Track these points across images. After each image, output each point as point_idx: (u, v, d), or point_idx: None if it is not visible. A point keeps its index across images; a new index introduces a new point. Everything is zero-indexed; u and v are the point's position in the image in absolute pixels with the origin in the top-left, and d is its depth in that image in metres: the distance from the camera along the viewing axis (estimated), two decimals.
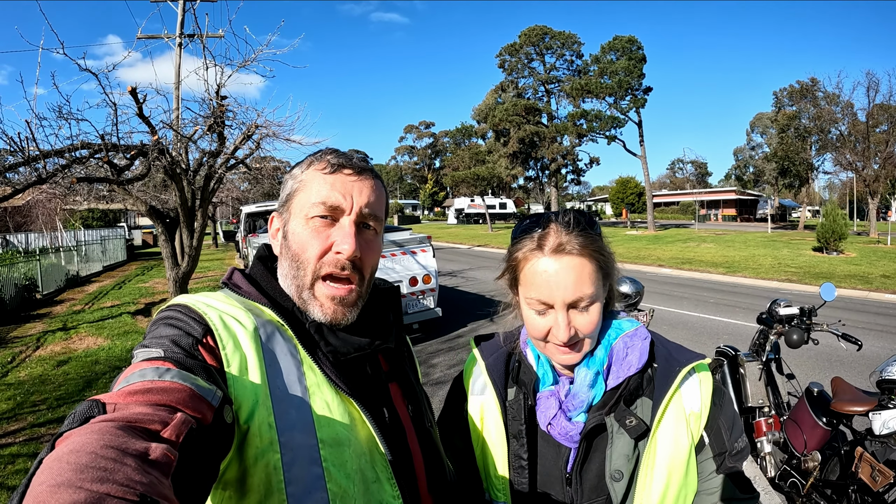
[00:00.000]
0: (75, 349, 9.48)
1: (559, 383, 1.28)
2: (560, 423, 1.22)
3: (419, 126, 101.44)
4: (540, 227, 1.20)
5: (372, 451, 1.04)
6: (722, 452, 1.20)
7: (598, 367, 1.22)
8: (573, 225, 1.18)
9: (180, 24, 14.38)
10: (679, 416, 1.18)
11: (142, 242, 42.62)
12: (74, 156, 7.40)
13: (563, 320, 1.15)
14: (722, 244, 29.19)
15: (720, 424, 1.21)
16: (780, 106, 43.57)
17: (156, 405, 0.74)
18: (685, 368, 1.19)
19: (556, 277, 1.14)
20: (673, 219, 67.34)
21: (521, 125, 48.00)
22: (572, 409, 1.22)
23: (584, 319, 1.16)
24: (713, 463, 1.20)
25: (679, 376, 1.18)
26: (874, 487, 3.07)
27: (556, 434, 1.23)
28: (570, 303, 1.15)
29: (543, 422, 1.25)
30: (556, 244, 1.16)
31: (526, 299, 1.21)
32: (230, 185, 24.10)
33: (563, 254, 1.15)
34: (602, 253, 1.19)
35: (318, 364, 1.03)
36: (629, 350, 1.23)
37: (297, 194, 1.12)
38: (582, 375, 1.22)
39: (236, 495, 0.93)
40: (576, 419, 1.22)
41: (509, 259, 1.27)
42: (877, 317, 11.80)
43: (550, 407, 1.24)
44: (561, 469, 1.25)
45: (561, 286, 1.14)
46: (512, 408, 1.31)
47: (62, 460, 0.56)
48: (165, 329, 0.94)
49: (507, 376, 1.36)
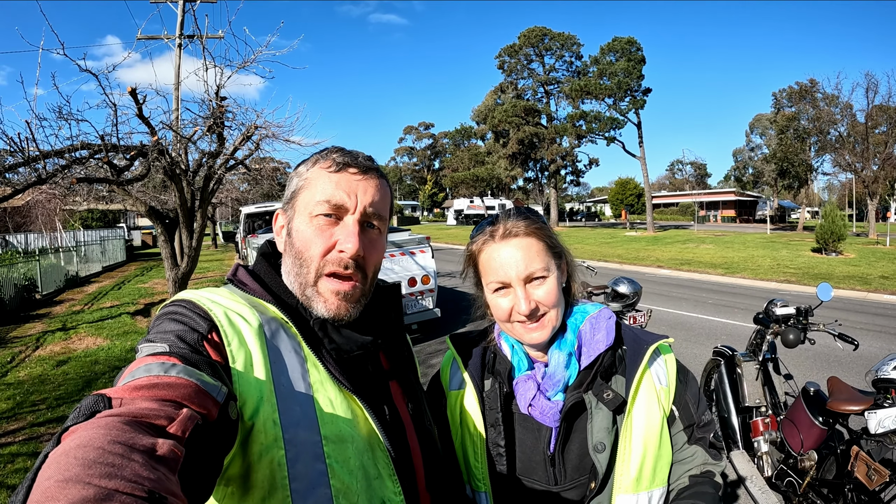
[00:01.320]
0: (75, 349, 9.48)
1: (535, 368, 1.36)
2: (540, 403, 1.29)
3: (418, 127, 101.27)
4: (490, 224, 1.35)
5: (374, 448, 1.04)
6: (691, 424, 1.35)
7: (570, 349, 1.33)
8: (517, 215, 1.33)
9: (180, 24, 14.38)
10: (650, 391, 1.30)
11: (141, 243, 42.60)
12: (74, 156, 7.40)
13: (521, 293, 1.26)
14: (721, 245, 29.19)
15: (687, 399, 1.36)
16: (780, 107, 43.57)
17: (162, 400, 0.74)
18: (652, 346, 1.32)
19: (507, 257, 1.28)
20: (672, 220, 67.31)
21: (520, 126, 48.07)
22: (550, 388, 1.30)
23: (542, 291, 1.27)
24: (684, 435, 1.34)
25: (647, 353, 1.31)
26: (870, 486, 3.08)
27: (537, 414, 1.30)
28: (525, 277, 1.26)
29: (523, 404, 1.32)
30: (504, 231, 1.30)
31: (487, 285, 1.33)
32: (230, 185, 24.07)
33: (510, 237, 1.29)
34: (547, 233, 1.33)
35: (322, 361, 1.04)
36: (595, 330, 1.34)
37: (301, 192, 1.13)
38: (556, 357, 1.32)
39: (239, 491, 0.94)
40: (554, 398, 1.30)
41: (468, 256, 1.40)
42: (875, 317, 11.81)
43: (529, 389, 1.32)
44: (543, 451, 1.32)
45: (513, 263, 1.27)
46: (489, 398, 1.39)
47: (69, 455, 0.56)
48: (170, 324, 0.94)
49: (483, 369, 1.43)
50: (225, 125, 9.03)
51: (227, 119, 9.06)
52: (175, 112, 11.43)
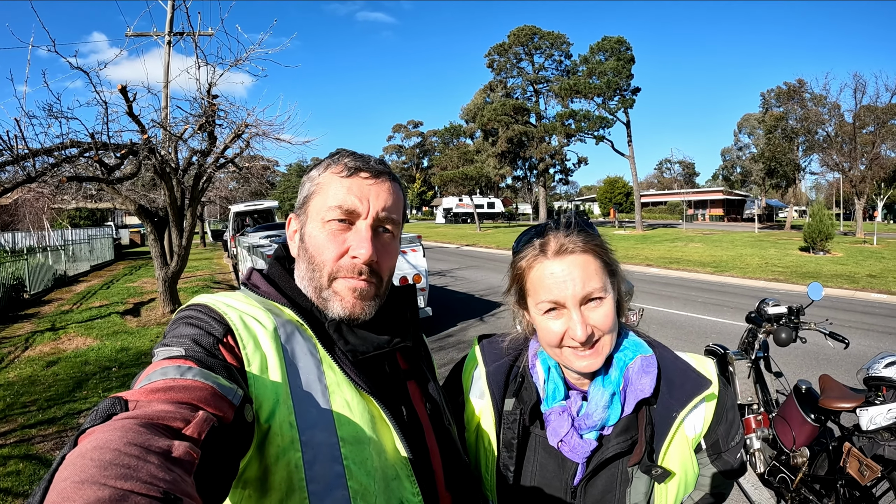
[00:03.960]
0: (64, 349, 9.40)
1: (570, 398, 1.26)
2: (573, 441, 1.21)
3: (407, 125, 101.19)
4: (539, 235, 1.21)
5: (392, 449, 1.04)
6: (716, 451, 1.29)
7: (615, 388, 1.21)
8: (572, 226, 1.20)
9: (169, 21, 14.29)
10: (682, 446, 1.21)
11: (129, 242, 42.33)
12: (64, 154, 7.37)
13: (577, 317, 1.13)
14: (709, 244, 29.36)
15: (718, 433, 1.27)
16: (768, 107, 43.90)
17: (178, 403, 0.74)
18: (682, 412, 1.20)
19: (563, 276, 1.14)
20: (661, 218, 67.62)
21: (509, 125, 48.10)
22: (585, 427, 1.21)
23: (599, 314, 1.15)
24: (708, 458, 1.30)
25: (676, 422, 1.19)
26: (862, 482, 3.12)
27: (567, 451, 1.22)
28: (582, 298, 1.14)
29: (554, 439, 1.23)
30: (559, 246, 1.17)
31: (537, 305, 1.20)
32: (219, 184, 23.99)
33: (566, 254, 1.16)
34: (604, 249, 1.20)
35: (338, 363, 1.04)
36: (643, 373, 1.21)
37: (314, 197, 1.13)
38: (598, 395, 1.21)
39: (256, 494, 0.94)
40: (587, 436, 1.21)
41: (514, 271, 1.27)
42: (863, 315, 11.92)
43: (562, 425, 1.22)
44: (566, 482, 1.25)
45: (570, 283, 1.14)
46: (507, 419, 1.30)
47: (86, 457, 0.57)
48: (186, 328, 0.94)
49: (505, 388, 1.34)
50: (216, 123, 9.01)
51: (219, 117, 9.04)
52: (164, 110, 11.38)
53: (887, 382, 3.28)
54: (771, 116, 41.64)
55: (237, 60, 9.06)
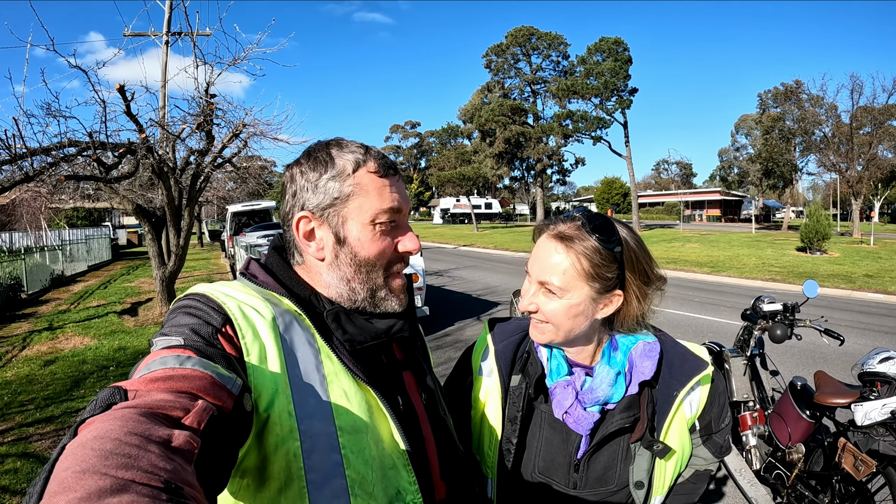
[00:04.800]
0: (62, 349, 9.39)
1: (573, 374, 1.33)
2: (577, 413, 1.28)
3: (405, 126, 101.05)
4: (560, 216, 1.29)
5: (389, 438, 1.05)
6: (708, 432, 1.38)
7: (620, 368, 1.29)
8: (584, 223, 1.22)
9: (167, 21, 14.29)
10: (681, 424, 1.30)
11: (126, 242, 42.28)
12: (62, 154, 7.37)
13: (528, 289, 1.27)
14: (706, 244, 29.42)
15: (711, 417, 1.36)
16: (765, 108, 43.93)
17: (177, 392, 0.74)
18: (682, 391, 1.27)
19: (539, 253, 1.25)
20: (658, 219, 67.64)
21: (507, 125, 48.13)
22: (588, 401, 1.27)
23: (546, 303, 1.24)
24: (700, 439, 1.39)
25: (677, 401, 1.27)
26: (857, 477, 3.14)
27: (572, 423, 1.29)
28: (539, 282, 1.24)
29: (558, 411, 1.30)
30: (557, 231, 1.23)
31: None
32: (216, 184, 23.98)
33: (556, 239, 1.23)
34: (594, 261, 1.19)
35: (336, 352, 1.04)
36: (645, 357, 1.29)
37: (354, 198, 1.10)
38: (603, 373, 1.28)
39: (255, 483, 0.95)
40: (590, 409, 1.28)
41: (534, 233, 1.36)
42: (860, 315, 11.96)
43: (567, 397, 1.29)
44: (570, 455, 1.32)
45: (538, 262, 1.24)
46: (513, 394, 1.36)
47: (86, 446, 0.57)
48: (184, 318, 0.94)
49: (513, 364, 1.41)
50: (214, 123, 9.01)
51: (217, 116, 9.04)
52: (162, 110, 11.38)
53: (882, 378, 3.31)
54: (768, 117, 41.68)
55: (235, 60, 9.06)
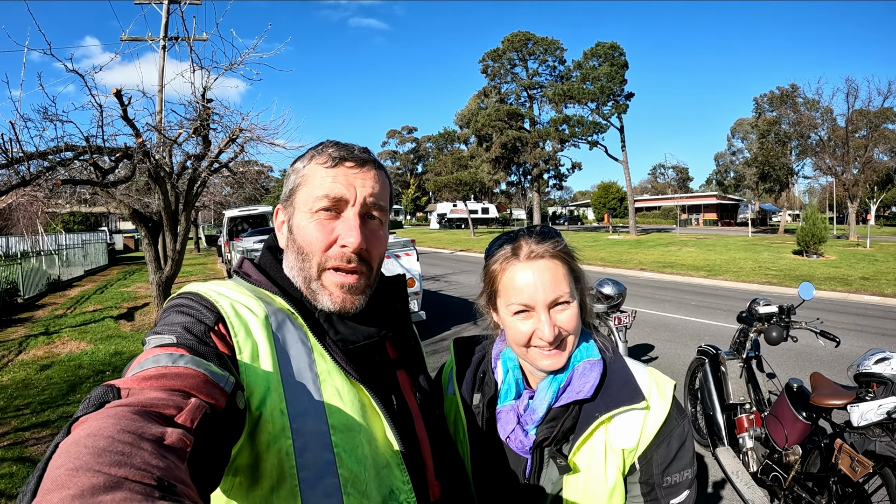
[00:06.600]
0: (58, 353, 9.38)
1: (520, 398, 1.33)
2: (517, 437, 1.28)
3: (401, 131, 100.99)
4: (511, 241, 1.28)
5: (382, 438, 1.05)
6: (649, 481, 1.25)
7: (560, 384, 1.27)
8: (541, 234, 1.27)
9: (164, 26, 14.28)
10: (600, 451, 1.23)
11: (123, 247, 42.29)
12: (59, 158, 7.36)
13: (546, 319, 1.20)
14: (703, 248, 29.47)
15: (653, 457, 1.24)
16: (761, 111, 44.00)
17: (170, 390, 0.74)
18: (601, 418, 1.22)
19: (533, 279, 1.21)
20: (654, 223, 67.84)
21: (503, 130, 48.13)
22: (529, 422, 1.28)
23: (565, 317, 1.22)
24: (639, 488, 1.26)
25: (594, 423, 1.23)
26: (854, 478, 3.14)
27: (514, 447, 1.30)
28: (550, 302, 1.21)
29: (503, 434, 1.31)
30: (530, 251, 1.23)
31: (507, 306, 1.26)
32: (213, 188, 23.98)
33: (537, 259, 1.23)
34: (571, 256, 1.28)
35: (329, 351, 1.04)
36: (585, 376, 1.26)
37: (300, 188, 1.13)
38: (544, 391, 1.28)
39: (247, 481, 0.95)
40: (531, 432, 1.28)
41: (486, 274, 1.34)
42: (856, 317, 11.98)
43: (509, 421, 1.30)
44: (522, 473, 1.32)
45: (540, 287, 1.21)
46: (475, 412, 1.39)
47: (79, 444, 0.57)
48: (177, 316, 0.94)
49: (473, 384, 1.43)
50: (211, 127, 9.02)
51: (213, 121, 9.04)
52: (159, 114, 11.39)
53: (877, 378, 3.31)
54: (764, 121, 41.79)
55: (232, 64, 9.07)
